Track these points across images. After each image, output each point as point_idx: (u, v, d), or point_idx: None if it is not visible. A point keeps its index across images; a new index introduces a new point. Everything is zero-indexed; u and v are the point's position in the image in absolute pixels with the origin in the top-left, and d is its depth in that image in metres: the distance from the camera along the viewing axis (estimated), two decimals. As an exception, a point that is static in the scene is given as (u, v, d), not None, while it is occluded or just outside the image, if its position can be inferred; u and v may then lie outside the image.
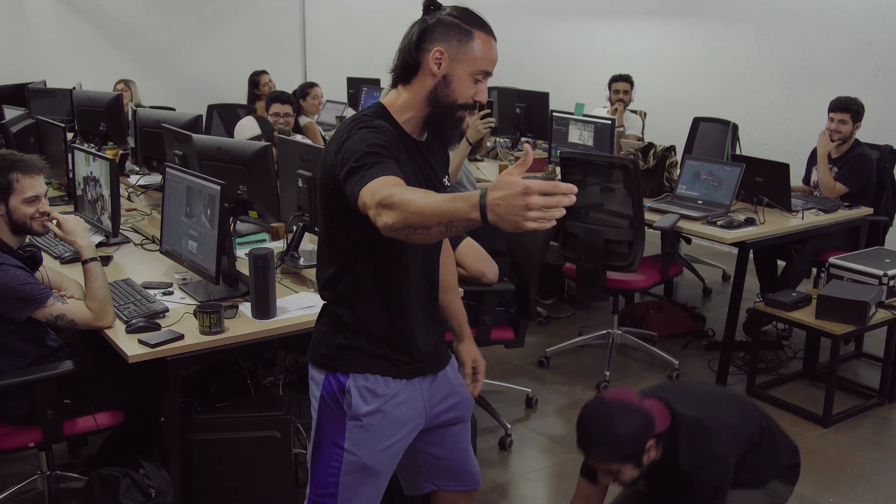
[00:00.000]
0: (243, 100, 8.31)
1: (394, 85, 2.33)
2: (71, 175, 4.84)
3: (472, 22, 2.25)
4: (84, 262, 3.24)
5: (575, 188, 1.77)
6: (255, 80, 8.27)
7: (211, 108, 7.65)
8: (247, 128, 5.41)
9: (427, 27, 2.24)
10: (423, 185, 2.29)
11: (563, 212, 1.76)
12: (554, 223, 1.78)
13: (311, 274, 3.56)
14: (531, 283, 4.31)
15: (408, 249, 2.33)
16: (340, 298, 2.37)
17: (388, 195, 1.92)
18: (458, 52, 2.23)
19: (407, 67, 2.27)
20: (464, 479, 2.70)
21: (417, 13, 2.35)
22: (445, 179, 2.49)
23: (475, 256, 4.06)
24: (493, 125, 5.48)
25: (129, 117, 5.94)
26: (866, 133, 5.87)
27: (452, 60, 2.23)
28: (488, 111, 5.49)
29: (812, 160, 5.97)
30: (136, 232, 4.55)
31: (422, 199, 1.88)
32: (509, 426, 4.45)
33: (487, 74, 2.30)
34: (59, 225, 3.31)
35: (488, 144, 7.15)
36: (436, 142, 2.41)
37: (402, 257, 2.34)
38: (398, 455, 2.47)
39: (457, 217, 1.84)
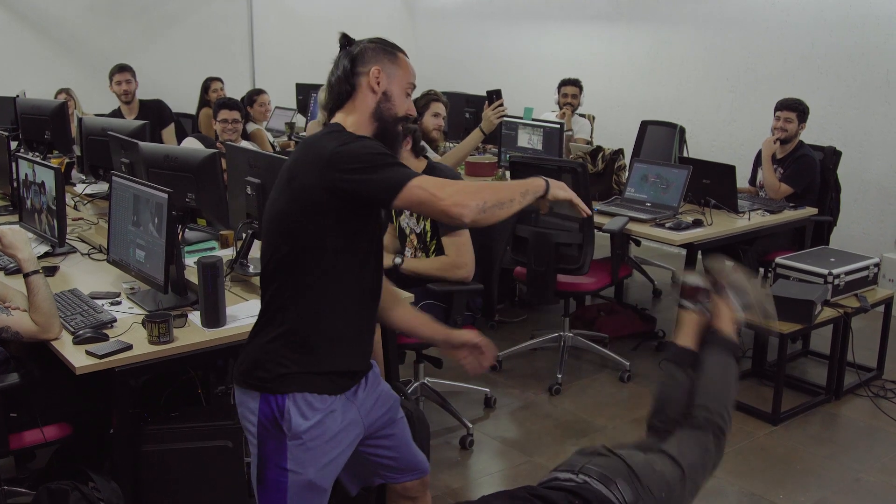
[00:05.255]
0: (192, 105, 8.23)
1: (331, 114, 2.47)
2: (15, 184, 4.76)
3: (391, 45, 2.50)
4: (26, 276, 3.16)
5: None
6: (206, 86, 8.19)
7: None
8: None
9: (356, 55, 2.44)
10: None
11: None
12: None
13: (262, 281, 3.54)
14: (492, 282, 4.37)
15: (371, 260, 2.44)
16: (298, 317, 2.38)
17: (463, 184, 2.25)
18: (391, 70, 2.45)
19: (342, 94, 2.44)
20: (410, 470, 2.76)
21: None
22: None
23: (464, 250, 4.12)
24: (504, 113, 5.50)
25: (75, 125, 5.86)
26: (810, 135, 5.97)
27: (389, 77, 2.44)
28: (500, 101, 5.48)
29: (758, 161, 6.06)
30: (83, 241, 4.49)
31: (498, 185, 2.33)
32: (471, 426, 4.47)
33: (413, 87, 2.54)
34: None
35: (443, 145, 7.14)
36: None
37: (365, 268, 2.42)
38: (341, 466, 2.50)
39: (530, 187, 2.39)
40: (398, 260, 4.25)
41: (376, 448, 2.66)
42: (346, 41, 2.47)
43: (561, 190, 2.43)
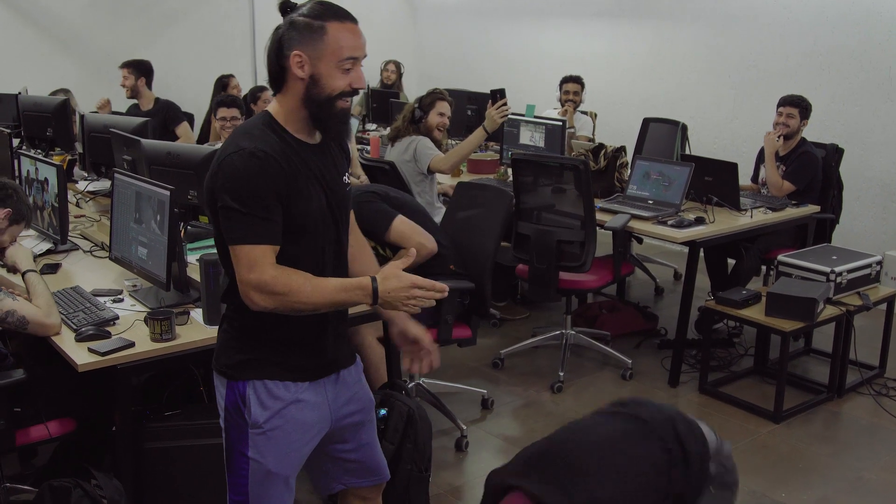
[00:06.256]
0: (194, 103, 8.21)
1: (274, 94, 2.34)
2: (17, 182, 4.76)
3: (323, 16, 2.24)
4: (23, 274, 3.22)
5: (446, 288, 2.23)
6: (224, 84, 8.16)
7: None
8: None
9: (282, 35, 2.25)
10: (322, 188, 2.31)
11: (434, 303, 2.23)
12: (419, 310, 2.24)
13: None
14: (485, 281, 4.31)
15: (326, 248, 2.35)
16: (249, 314, 2.29)
17: (269, 281, 2.17)
18: (315, 50, 2.22)
19: (275, 77, 2.29)
20: (371, 474, 2.71)
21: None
22: (346, 177, 2.46)
23: (410, 232, 4.06)
24: (508, 113, 5.37)
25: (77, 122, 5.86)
26: (812, 132, 5.96)
27: (313, 59, 2.22)
28: (504, 100, 5.34)
29: (760, 159, 6.05)
30: (85, 239, 4.49)
31: (311, 291, 2.19)
32: (465, 427, 4.45)
33: (356, 60, 2.27)
34: None
35: (448, 142, 7.12)
36: (328, 139, 2.38)
37: (320, 256, 2.34)
38: (304, 457, 2.48)
39: (350, 302, 2.26)
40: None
41: (342, 448, 2.61)
42: (285, 7, 2.29)
43: (397, 302, 2.21)
